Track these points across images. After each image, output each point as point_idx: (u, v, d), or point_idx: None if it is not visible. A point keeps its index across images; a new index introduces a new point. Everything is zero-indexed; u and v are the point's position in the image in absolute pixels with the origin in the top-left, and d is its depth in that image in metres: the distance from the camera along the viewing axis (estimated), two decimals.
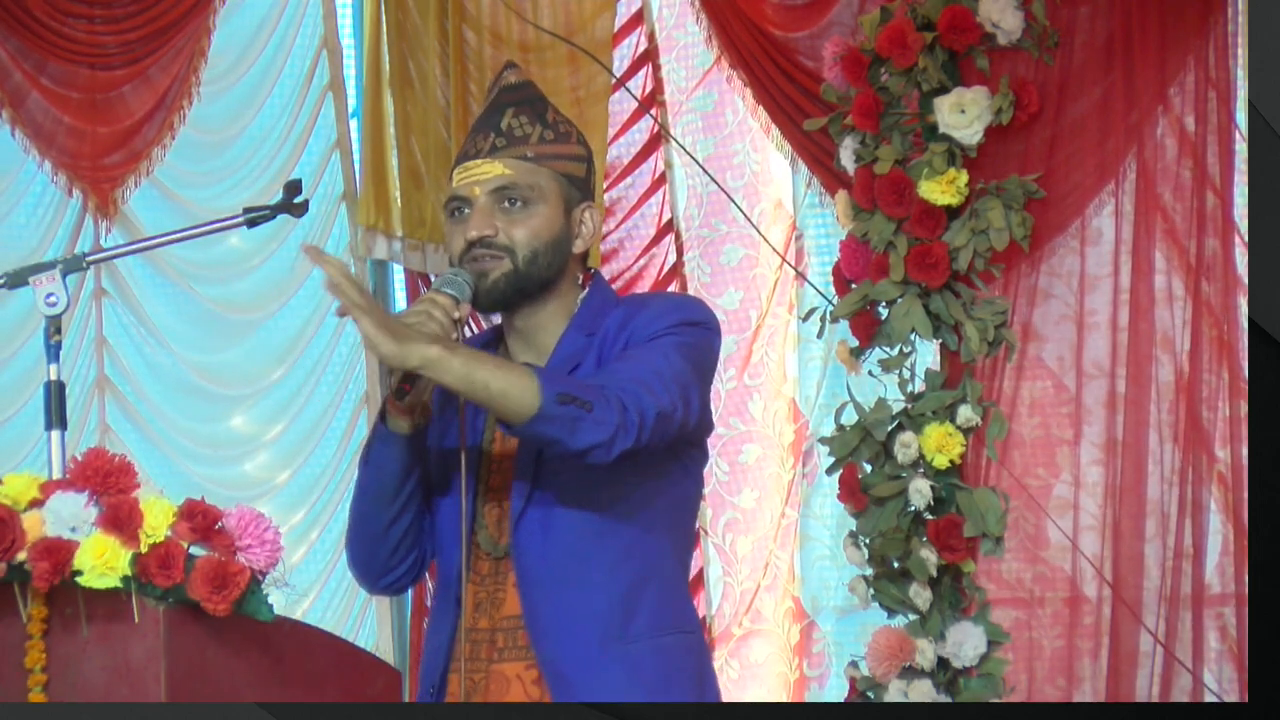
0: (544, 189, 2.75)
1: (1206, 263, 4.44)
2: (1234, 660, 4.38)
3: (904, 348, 4.64)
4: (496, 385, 2.55)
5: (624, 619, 2.69)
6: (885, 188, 4.61)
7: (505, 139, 2.76)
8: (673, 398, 2.63)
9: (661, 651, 2.71)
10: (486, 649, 2.75)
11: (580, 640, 2.68)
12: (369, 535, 2.80)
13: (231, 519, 2.45)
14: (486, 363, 2.57)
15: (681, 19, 5.42)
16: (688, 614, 2.80)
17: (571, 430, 2.56)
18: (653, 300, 2.86)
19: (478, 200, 2.74)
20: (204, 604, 2.38)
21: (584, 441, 2.57)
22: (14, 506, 2.42)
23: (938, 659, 4.54)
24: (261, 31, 5.82)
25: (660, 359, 2.66)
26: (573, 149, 2.79)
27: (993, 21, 4.52)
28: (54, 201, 5.81)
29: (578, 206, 2.78)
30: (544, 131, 2.77)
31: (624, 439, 2.58)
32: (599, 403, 2.57)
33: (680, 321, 2.73)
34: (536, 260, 2.73)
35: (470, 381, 2.55)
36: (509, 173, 2.74)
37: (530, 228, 2.73)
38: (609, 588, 2.70)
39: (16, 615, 2.40)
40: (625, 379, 2.62)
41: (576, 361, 2.74)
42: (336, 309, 2.53)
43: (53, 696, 2.40)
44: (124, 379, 5.89)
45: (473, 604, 2.76)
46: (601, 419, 2.56)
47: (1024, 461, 4.59)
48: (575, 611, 2.69)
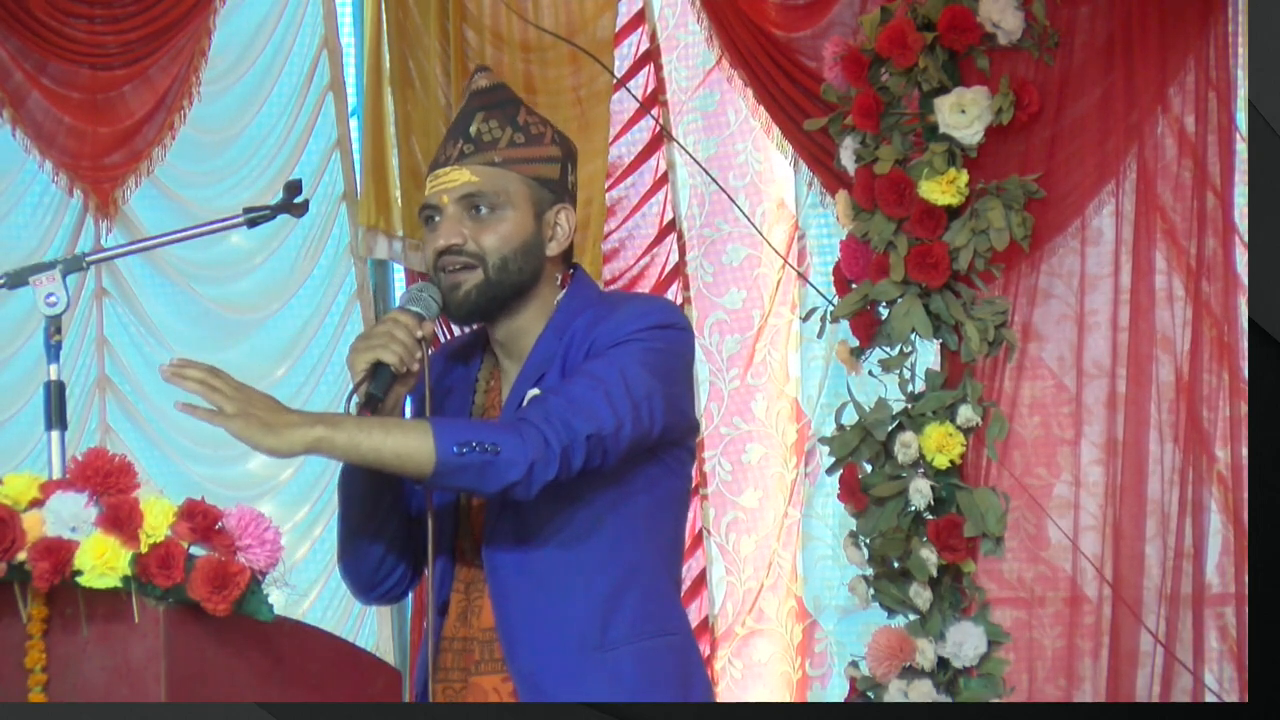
0: (512, 194, 2.72)
1: (1206, 263, 4.44)
2: (1234, 660, 4.38)
3: (904, 348, 4.64)
4: (389, 450, 2.53)
5: (602, 625, 2.67)
6: (885, 188, 4.61)
7: (474, 144, 2.73)
8: (617, 415, 2.60)
9: (643, 656, 2.69)
10: (464, 658, 2.75)
11: (557, 649, 2.66)
12: (354, 551, 2.81)
13: (231, 519, 2.45)
14: (375, 429, 2.54)
15: (683, 19, 5.42)
16: (672, 616, 2.77)
17: (480, 476, 2.54)
18: (621, 304, 2.78)
19: (446, 208, 2.72)
20: (204, 604, 2.38)
21: (496, 485, 2.55)
22: (14, 506, 2.42)
23: (938, 659, 4.54)
24: (261, 32, 5.82)
25: (613, 373, 2.63)
26: (544, 150, 2.76)
27: (993, 21, 4.52)
28: (54, 201, 5.81)
29: (550, 209, 2.75)
30: (514, 134, 2.74)
31: (543, 472, 2.55)
32: (508, 441, 2.53)
33: (644, 327, 2.69)
34: (507, 267, 2.71)
35: (361, 453, 2.54)
36: (475, 179, 2.71)
37: (499, 234, 2.71)
38: (586, 595, 2.68)
39: (16, 615, 2.40)
40: (558, 403, 2.59)
41: (544, 369, 2.71)
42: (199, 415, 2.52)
43: (53, 696, 2.40)
44: (124, 379, 5.89)
45: (456, 612, 2.76)
46: (512, 459, 2.53)
47: (1024, 461, 4.59)
48: (551, 621, 2.67)
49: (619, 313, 2.72)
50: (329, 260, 5.85)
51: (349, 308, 5.86)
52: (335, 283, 5.85)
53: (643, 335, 2.68)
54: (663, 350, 2.70)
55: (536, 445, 2.54)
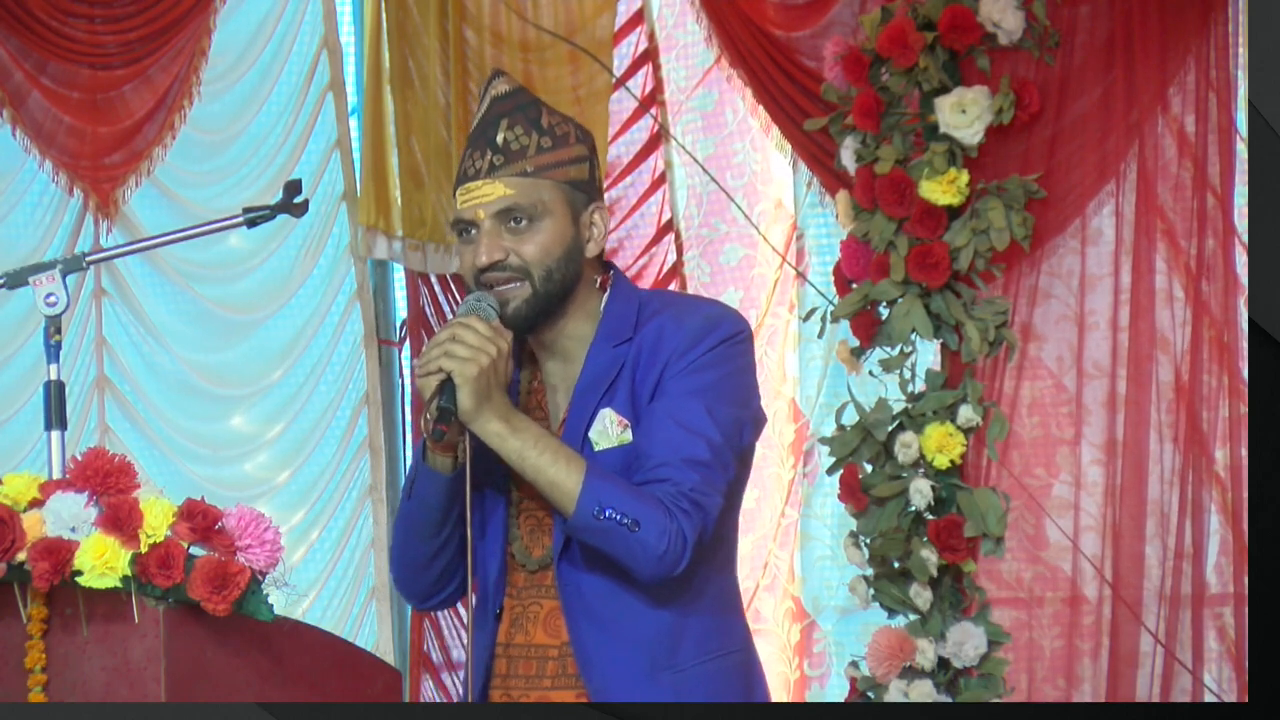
0: (548, 202, 2.69)
1: (1206, 263, 4.44)
2: (1234, 660, 4.38)
3: (904, 348, 4.64)
4: (545, 478, 2.60)
5: (671, 646, 2.68)
6: (886, 188, 4.61)
7: (503, 155, 2.70)
8: (727, 475, 2.65)
9: (708, 677, 2.70)
10: (524, 666, 2.73)
11: (630, 670, 2.66)
12: (412, 563, 2.79)
13: (231, 519, 2.45)
14: (546, 451, 2.60)
15: (682, 18, 5.41)
16: (734, 633, 2.76)
17: (609, 541, 2.58)
18: (686, 314, 2.73)
19: (483, 224, 2.69)
20: (204, 604, 2.37)
21: (623, 556, 2.59)
22: (14, 506, 2.42)
23: (938, 659, 4.54)
24: (261, 31, 5.82)
25: (707, 424, 2.63)
26: (572, 151, 2.73)
27: (993, 21, 4.52)
28: (54, 201, 5.80)
29: (585, 210, 2.73)
30: (540, 139, 2.71)
31: (673, 565, 2.59)
32: (650, 521, 2.57)
33: (716, 344, 2.68)
34: (552, 277, 2.69)
35: (522, 465, 2.61)
36: (510, 192, 2.68)
37: (541, 245, 2.68)
38: (656, 616, 2.67)
39: (16, 615, 2.40)
40: (692, 482, 2.60)
41: (609, 381, 2.70)
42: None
43: (53, 696, 2.40)
44: (123, 379, 5.89)
45: (509, 619, 2.75)
46: (645, 540, 2.57)
47: (1024, 461, 4.59)
48: (624, 641, 2.67)
49: (687, 326, 2.69)
50: (329, 260, 5.85)
51: (349, 308, 5.86)
52: (335, 283, 5.85)
53: (717, 359, 2.68)
54: (737, 370, 2.71)
55: (674, 538, 2.58)
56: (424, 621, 5.72)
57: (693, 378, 2.66)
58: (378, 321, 5.88)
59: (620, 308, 2.74)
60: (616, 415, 2.68)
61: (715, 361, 2.67)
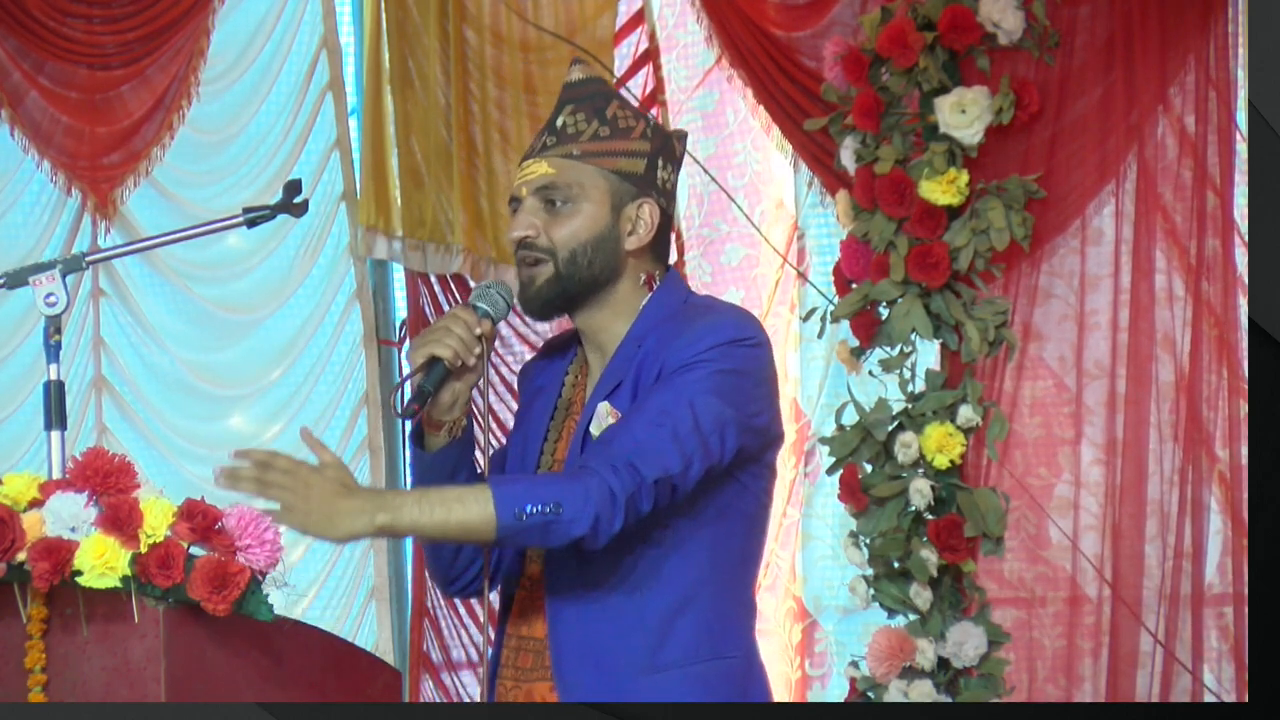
0: (586, 187, 2.69)
1: (1206, 263, 4.44)
2: (1234, 660, 4.38)
3: (904, 348, 4.64)
4: (453, 525, 2.53)
5: (654, 647, 2.63)
6: (886, 188, 4.61)
7: (557, 137, 2.71)
8: (685, 454, 2.56)
9: (694, 680, 2.64)
10: (519, 657, 2.73)
11: (607, 670, 2.63)
12: (439, 545, 2.79)
13: (231, 519, 2.45)
14: (436, 507, 2.53)
15: (682, 18, 5.42)
16: (731, 638, 2.71)
17: (544, 534, 2.53)
18: (697, 319, 2.70)
19: (525, 200, 2.71)
20: (204, 604, 2.37)
21: (562, 541, 2.54)
22: (14, 506, 2.42)
23: (938, 659, 4.53)
24: (260, 31, 5.81)
25: (681, 407, 2.58)
26: (630, 144, 2.71)
27: (993, 21, 4.52)
28: (52, 201, 5.80)
29: (631, 203, 2.70)
30: (599, 128, 2.71)
31: (609, 525, 2.53)
32: (570, 497, 2.52)
33: (714, 345, 2.64)
34: (576, 260, 2.68)
35: (426, 534, 2.57)
36: (552, 172, 2.69)
37: (570, 227, 2.68)
38: (640, 616, 2.64)
39: (16, 615, 2.40)
40: (623, 448, 2.56)
41: (620, 379, 2.68)
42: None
43: (53, 696, 2.39)
44: (121, 379, 5.89)
45: (518, 610, 2.75)
46: (575, 515, 2.51)
47: (1025, 461, 4.58)
48: (602, 639, 2.63)
49: (691, 330, 2.66)
50: (328, 260, 5.85)
51: (348, 308, 5.86)
52: (334, 283, 5.85)
53: (712, 356, 2.63)
54: (734, 370, 2.65)
55: (601, 498, 2.52)
56: (424, 621, 5.72)
57: (686, 373, 2.63)
58: (377, 321, 5.89)
59: (658, 309, 2.72)
60: (611, 407, 2.67)
61: (714, 359, 2.64)
